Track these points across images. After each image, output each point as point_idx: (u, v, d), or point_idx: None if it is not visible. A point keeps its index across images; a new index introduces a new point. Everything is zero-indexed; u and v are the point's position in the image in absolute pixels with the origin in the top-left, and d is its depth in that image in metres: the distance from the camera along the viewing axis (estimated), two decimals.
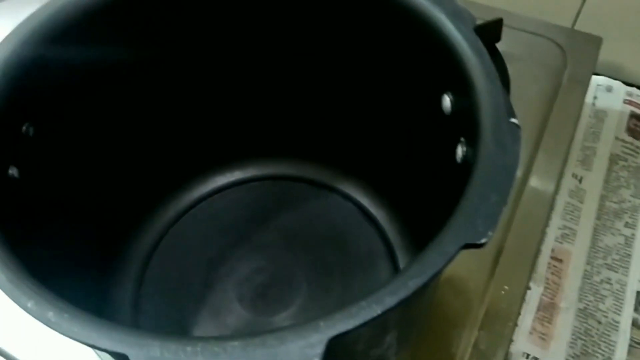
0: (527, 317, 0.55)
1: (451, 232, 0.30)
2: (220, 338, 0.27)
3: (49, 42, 0.40)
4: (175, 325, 0.52)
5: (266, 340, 0.27)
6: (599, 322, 0.55)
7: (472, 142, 0.34)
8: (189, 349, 0.27)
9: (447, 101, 0.39)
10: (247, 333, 0.28)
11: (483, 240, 0.29)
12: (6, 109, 0.37)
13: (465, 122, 0.36)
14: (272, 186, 0.61)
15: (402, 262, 0.54)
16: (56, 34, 0.40)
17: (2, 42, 0.39)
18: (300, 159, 0.61)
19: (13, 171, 0.37)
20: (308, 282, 0.54)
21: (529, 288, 0.56)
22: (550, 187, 0.55)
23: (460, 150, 0.37)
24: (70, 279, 0.36)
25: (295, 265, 0.55)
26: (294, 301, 0.53)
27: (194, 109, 0.54)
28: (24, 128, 0.39)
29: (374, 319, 0.28)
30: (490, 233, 0.29)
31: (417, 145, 0.48)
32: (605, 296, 0.57)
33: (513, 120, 0.33)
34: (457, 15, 0.38)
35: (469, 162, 0.34)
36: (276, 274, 0.55)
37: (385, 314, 0.28)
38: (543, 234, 0.54)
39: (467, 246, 0.29)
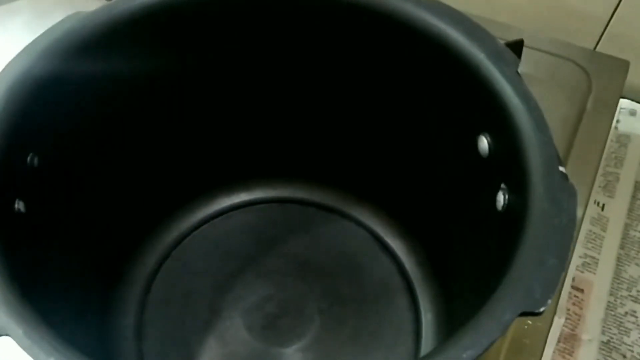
0: (547, 349, 0.53)
1: (506, 298, 0.28)
2: None
3: (54, 69, 0.39)
4: (181, 354, 0.51)
5: None
6: (624, 357, 0.54)
7: (518, 191, 0.33)
8: None
9: (484, 143, 0.38)
10: None
11: (541, 309, 0.28)
12: (10, 140, 0.36)
13: (507, 167, 0.35)
14: (279, 209, 0.59)
15: (420, 295, 0.53)
16: (61, 61, 0.39)
17: (6, 68, 0.38)
18: (309, 182, 0.59)
19: (19, 205, 0.36)
20: (320, 312, 0.52)
21: None
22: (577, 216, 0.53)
23: (502, 198, 0.36)
24: (73, 307, 0.35)
25: (306, 294, 0.53)
26: (306, 332, 0.51)
27: (198, 128, 0.52)
28: (28, 159, 0.38)
29: None
30: (549, 301, 0.28)
31: (443, 180, 0.47)
32: (630, 329, 0.55)
33: (561, 168, 0.32)
34: (499, 55, 0.36)
35: (514, 213, 0.33)
36: (286, 303, 0.53)
37: None
38: (568, 265, 0.52)
39: (524, 314, 0.28)
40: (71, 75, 0.40)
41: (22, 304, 0.30)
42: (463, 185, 0.43)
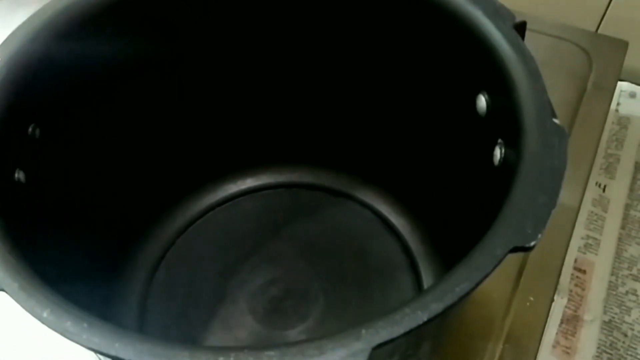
0: (550, 330, 0.54)
1: (498, 235, 0.28)
2: (255, 348, 0.26)
3: (57, 39, 0.39)
4: (185, 340, 0.50)
5: (305, 349, 0.25)
6: (625, 335, 0.54)
7: (513, 143, 0.33)
8: (221, 359, 0.25)
9: (482, 102, 0.38)
10: (284, 343, 0.26)
11: (532, 244, 0.28)
12: (12, 109, 0.36)
13: (504, 122, 0.35)
14: (286, 194, 0.59)
15: (424, 272, 0.53)
16: (65, 30, 0.39)
17: (8, 38, 0.38)
18: (315, 166, 0.59)
19: (19, 175, 0.36)
20: (324, 293, 0.52)
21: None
22: (576, 196, 0.54)
23: (498, 152, 0.36)
24: (74, 290, 0.34)
25: (311, 277, 0.53)
26: (310, 314, 0.51)
27: (204, 111, 0.53)
28: (29, 130, 0.38)
29: (419, 327, 0.26)
30: (539, 236, 0.28)
31: (444, 149, 0.47)
32: (631, 308, 0.55)
33: (555, 120, 0.32)
34: (495, 12, 0.36)
35: (510, 164, 0.33)
36: (291, 286, 0.53)
37: (430, 321, 0.26)
38: (568, 244, 0.52)
39: (515, 249, 0.28)
40: (73, 49, 0.40)
41: (19, 261, 0.30)
42: (462, 149, 0.43)
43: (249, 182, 0.59)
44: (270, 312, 0.51)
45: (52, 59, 0.39)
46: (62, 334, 0.27)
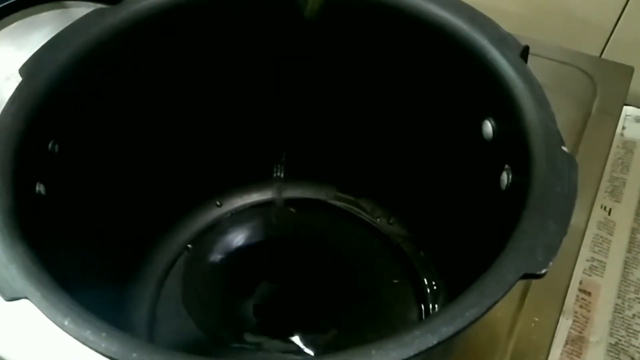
0: (555, 351, 0.54)
1: (510, 261, 0.29)
2: None
3: (78, 60, 0.40)
4: (193, 349, 0.51)
5: None
6: (632, 358, 0.54)
7: (522, 169, 0.33)
8: None
9: (488, 127, 0.39)
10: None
11: (543, 271, 0.29)
12: (33, 126, 0.37)
13: (511, 148, 0.36)
14: (290, 210, 0.60)
15: (429, 292, 0.53)
16: (85, 53, 0.41)
17: (30, 59, 0.39)
18: (320, 183, 0.60)
19: (40, 188, 0.38)
20: (328, 309, 0.53)
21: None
22: (582, 220, 0.54)
23: (505, 178, 0.36)
24: (88, 297, 0.35)
25: (315, 292, 0.54)
26: (314, 331, 0.52)
27: (212, 128, 0.54)
28: (50, 145, 0.39)
29: (428, 349, 0.27)
30: (550, 263, 0.29)
31: (451, 171, 0.47)
32: (638, 332, 0.55)
33: (564, 148, 0.33)
34: (502, 40, 0.37)
35: (517, 189, 0.33)
36: (295, 301, 0.54)
37: (440, 344, 0.27)
38: (574, 266, 0.52)
39: (526, 276, 0.29)
40: (89, 70, 0.41)
41: (40, 271, 0.31)
42: (470, 173, 0.44)
43: (254, 197, 0.60)
44: (275, 326, 0.52)
45: (72, 79, 0.40)
46: (82, 341, 0.29)
